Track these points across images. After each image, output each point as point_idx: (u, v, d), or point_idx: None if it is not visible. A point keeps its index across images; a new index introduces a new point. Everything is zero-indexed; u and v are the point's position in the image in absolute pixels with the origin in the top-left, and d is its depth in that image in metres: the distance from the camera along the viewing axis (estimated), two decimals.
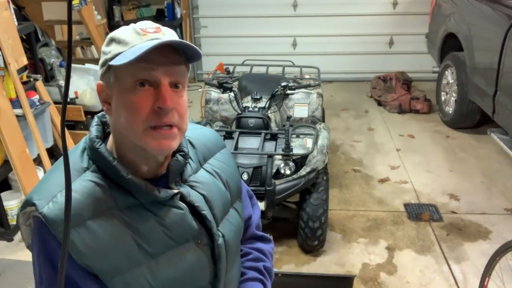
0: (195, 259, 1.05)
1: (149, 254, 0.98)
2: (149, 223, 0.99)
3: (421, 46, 5.87)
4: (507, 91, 3.69)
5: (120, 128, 0.97)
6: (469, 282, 2.83)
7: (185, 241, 1.03)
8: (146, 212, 0.99)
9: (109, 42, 0.98)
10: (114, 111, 0.97)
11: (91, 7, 4.81)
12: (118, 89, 0.95)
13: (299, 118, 3.63)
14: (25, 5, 4.67)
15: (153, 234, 0.99)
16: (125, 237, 0.96)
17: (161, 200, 1.01)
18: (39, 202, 0.94)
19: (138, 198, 0.99)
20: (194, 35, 6.49)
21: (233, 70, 4.12)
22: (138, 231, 0.97)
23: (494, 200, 3.66)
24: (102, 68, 0.98)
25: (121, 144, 1.00)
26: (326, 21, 6.18)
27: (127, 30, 0.97)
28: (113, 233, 0.95)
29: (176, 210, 1.03)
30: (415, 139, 4.73)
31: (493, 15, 4.01)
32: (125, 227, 0.96)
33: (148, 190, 0.99)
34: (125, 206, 0.97)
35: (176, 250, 1.02)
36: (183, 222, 1.03)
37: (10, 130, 3.04)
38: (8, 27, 3.10)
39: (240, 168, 2.86)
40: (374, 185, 3.91)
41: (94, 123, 1.05)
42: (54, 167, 1.03)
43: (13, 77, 3.10)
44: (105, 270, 0.94)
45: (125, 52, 0.93)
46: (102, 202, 0.95)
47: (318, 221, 2.93)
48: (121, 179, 0.97)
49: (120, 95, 0.95)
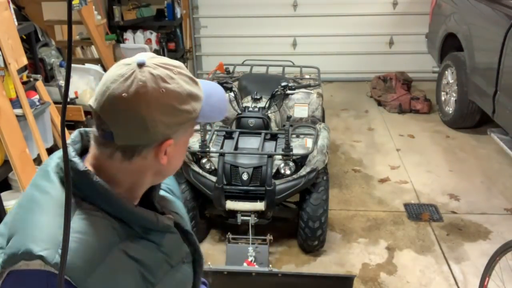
0: (183, 277, 1.06)
1: (152, 284, 0.95)
2: (151, 253, 0.96)
3: (421, 46, 5.87)
4: (507, 91, 3.69)
5: (165, 170, 0.98)
6: (469, 282, 2.83)
7: (177, 263, 1.04)
8: (145, 242, 0.96)
9: (185, 99, 0.91)
10: (170, 158, 0.94)
11: (91, 7, 4.81)
12: (186, 139, 0.97)
13: (299, 118, 3.62)
14: (25, 5, 4.66)
15: (156, 264, 0.97)
16: (133, 272, 0.92)
17: (163, 227, 0.99)
18: (46, 253, 0.82)
19: (135, 227, 0.94)
20: (194, 35, 6.49)
21: (233, 70, 4.12)
22: (143, 263, 0.93)
23: (494, 200, 3.66)
24: (179, 127, 0.92)
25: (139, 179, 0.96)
26: (326, 21, 6.18)
27: (183, 80, 0.92)
28: (122, 271, 0.90)
29: (172, 235, 1.02)
30: (415, 139, 4.73)
31: (493, 15, 4.01)
32: (131, 260, 0.92)
33: (159, 220, 0.97)
34: (126, 237, 0.92)
35: (170, 274, 1.01)
36: (178, 245, 1.04)
37: (10, 130, 3.04)
38: (8, 27, 3.10)
39: (240, 168, 2.86)
40: (374, 185, 3.91)
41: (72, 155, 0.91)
42: (30, 207, 0.90)
43: (13, 77, 3.10)
44: None
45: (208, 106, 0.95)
46: (107, 239, 0.89)
47: (318, 221, 2.93)
48: (125, 212, 0.92)
49: (184, 144, 0.98)
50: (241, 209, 2.87)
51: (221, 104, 0.99)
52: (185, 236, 1.08)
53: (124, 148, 0.90)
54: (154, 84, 0.87)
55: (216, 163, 2.90)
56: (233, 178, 2.88)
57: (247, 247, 2.82)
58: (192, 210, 3.02)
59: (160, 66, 0.89)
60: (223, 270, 2.44)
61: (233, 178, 2.88)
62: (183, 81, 0.91)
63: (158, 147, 0.91)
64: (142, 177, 0.95)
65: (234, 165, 2.87)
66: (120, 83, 0.86)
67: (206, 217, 3.27)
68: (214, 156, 2.92)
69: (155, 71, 0.88)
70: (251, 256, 2.77)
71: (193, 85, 0.93)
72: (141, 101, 0.86)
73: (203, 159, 2.95)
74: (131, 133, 0.88)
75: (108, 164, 0.92)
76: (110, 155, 0.91)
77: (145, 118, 0.86)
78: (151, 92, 0.86)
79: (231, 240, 2.91)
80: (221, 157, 2.87)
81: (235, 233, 2.97)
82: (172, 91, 0.88)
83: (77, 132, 0.98)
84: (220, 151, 2.92)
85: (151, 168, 0.94)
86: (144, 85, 0.86)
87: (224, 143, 3.04)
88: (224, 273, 2.41)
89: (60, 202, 0.86)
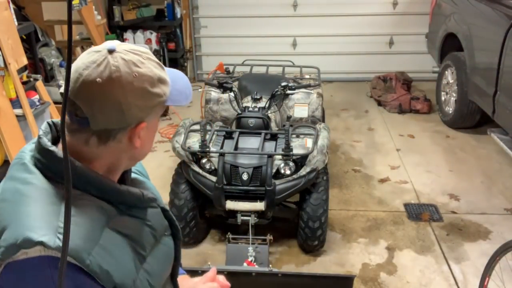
0: (168, 249, 1.12)
1: (143, 257, 1.00)
2: (139, 228, 1.01)
3: (421, 46, 5.87)
4: (507, 91, 3.69)
5: (138, 154, 1.02)
6: (469, 282, 2.83)
7: (161, 237, 1.09)
8: (131, 218, 1.00)
9: (156, 83, 0.95)
10: (142, 141, 0.99)
11: (91, 7, 4.82)
12: (156, 122, 1.02)
13: (299, 118, 3.62)
14: (25, 5, 4.67)
15: (144, 238, 1.01)
16: (126, 248, 0.96)
17: (145, 203, 1.04)
18: (46, 238, 0.83)
19: (119, 206, 0.98)
20: (194, 35, 6.49)
21: (233, 70, 4.12)
22: (133, 238, 0.98)
23: (494, 200, 3.66)
24: (152, 109, 0.96)
25: (115, 163, 0.99)
26: (326, 21, 6.18)
27: (152, 65, 0.95)
28: (117, 247, 0.93)
29: (154, 209, 1.07)
30: (415, 139, 4.73)
31: (493, 15, 4.01)
32: (122, 237, 0.96)
33: (145, 194, 1.02)
34: (113, 216, 0.96)
35: (157, 247, 1.06)
36: (161, 220, 1.10)
37: (10, 130, 3.04)
38: (8, 27, 3.10)
39: (240, 168, 2.86)
40: (374, 185, 3.91)
41: (48, 144, 0.93)
42: (16, 199, 0.90)
43: (13, 77, 3.11)
44: (126, 284, 0.93)
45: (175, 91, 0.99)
46: (98, 219, 0.92)
47: (318, 221, 2.93)
48: (112, 192, 0.96)
49: (154, 128, 1.02)
50: (241, 209, 2.87)
51: (186, 89, 1.04)
52: (163, 212, 1.13)
53: (99, 133, 0.93)
54: (127, 68, 0.90)
55: (216, 163, 2.90)
56: (233, 178, 2.88)
57: (247, 247, 2.82)
58: (192, 210, 3.02)
59: (130, 52, 0.93)
60: (223, 270, 2.43)
61: (233, 178, 2.88)
62: (152, 66, 0.95)
63: (133, 130, 0.95)
64: (118, 161, 0.99)
65: (234, 165, 2.87)
66: (93, 69, 0.89)
67: (206, 217, 3.27)
68: (214, 156, 2.93)
69: (126, 56, 0.91)
70: (251, 256, 2.77)
71: (161, 70, 0.97)
72: (115, 85, 0.89)
73: (203, 159, 2.95)
74: (107, 117, 0.91)
75: (85, 150, 0.95)
76: (85, 141, 0.93)
77: (120, 102, 0.90)
78: (125, 76, 0.90)
79: (231, 240, 2.91)
80: (221, 157, 2.87)
81: (235, 233, 2.97)
82: (144, 75, 0.92)
83: (46, 123, 1.00)
84: (220, 151, 2.92)
85: (125, 152, 0.98)
86: (118, 70, 0.89)
87: (224, 143, 3.04)
88: (224, 273, 2.39)
89: (46, 190, 0.90)
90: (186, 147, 2.94)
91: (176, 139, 3.05)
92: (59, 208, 0.88)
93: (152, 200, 1.05)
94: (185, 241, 3.10)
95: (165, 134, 4.91)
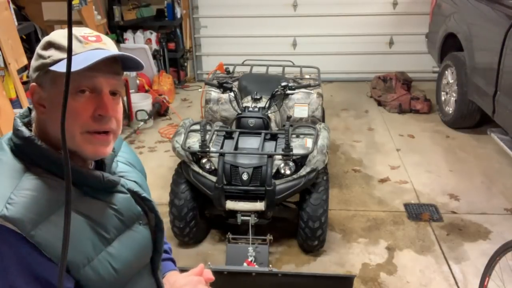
0: (142, 238, 1.14)
1: (107, 240, 1.03)
2: (102, 210, 1.04)
3: (421, 46, 5.87)
4: (507, 91, 3.69)
5: (56, 131, 0.99)
6: (469, 282, 2.83)
7: (132, 223, 1.11)
8: (95, 201, 1.03)
9: (47, 46, 1.00)
10: (50, 115, 1.00)
11: (91, 7, 4.82)
12: (56, 94, 0.98)
13: (299, 118, 3.62)
14: (25, 5, 4.67)
15: (108, 220, 1.04)
16: (85, 227, 0.99)
17: (109, 187, 1.07)
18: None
19: (84, 188, 1.02)
20: (194, 35, 6.49)
21: (233, 70, 4.12)
22: (94, 219, 1.01)
23: (494, 200, 3.66)
24: (38, 72, 1.00)
25: (58, 144, 1.00)
26: (326, 21, 6.18)
27: (62, 34, 1.00)
28: (74, 224, 0.96)
29: (122, 195, 1.10)
30: (415, 139, 4.73)
31: (493, 15, 4.01)
32: (82, 217, 0.99)
33: (105, 176, 1.05)
34: (75, 197, 0.99)
35: (127, 233, 1.09)
36: (130, 205, 1.11)
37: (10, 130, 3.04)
38: (8, 27, 3.11)
39: (240, 168, 2.86)
40: (374, 185, 3.91)
41: (19, 124, 1.02)
42: None
43: (13, 77, 3.11)
44: (77, 261, 0.96)
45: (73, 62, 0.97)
46: (56, 196, 0.95)
47: (318, 221, 2.93)
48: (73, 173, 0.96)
49: (59, 100, 0.90)
50: (241, 209, 2.87)
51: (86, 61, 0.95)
52: (144, 202, 1.16)
53: None
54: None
55: (216, 163, 2.90)
56: (233, 178, 2.88)
57: (247, 247, 2.82)
58: (192, 210, 3.02)
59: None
60: (223, 270, 2.44)
61: (233, 178, 2.88)
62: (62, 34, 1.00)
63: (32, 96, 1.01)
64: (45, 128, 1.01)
65: (234, 165, 2.87)
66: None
67: (206, 217, 3.27)
68: (214, 156, 2.92)
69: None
70: (251, 256, 2.77)
71: (74, 41, 0.95)
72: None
73: (203, 159, 2.95)
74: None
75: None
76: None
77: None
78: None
79: (231, 240, 2.91)
80: (221, 157, 2.87)
81: (235, 233, 2.97)
82: (45, 39, 1.02)
83: (26, 107, 1.09)
84: (220, 151, 2.92)
85: (46, 127, 1.01)
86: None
87: (224, 143, 3.04)
88: (224, 273, 2.41)
89: (10, 166, 0.97)
90: (186, 147, 2.94)
91: (176, 139, 3.05)
92: (16, 182, 0.94)
93: (113, 183, 1.07)
94: (185, 241, 3.10)
95: (165, 134, 4.91)
